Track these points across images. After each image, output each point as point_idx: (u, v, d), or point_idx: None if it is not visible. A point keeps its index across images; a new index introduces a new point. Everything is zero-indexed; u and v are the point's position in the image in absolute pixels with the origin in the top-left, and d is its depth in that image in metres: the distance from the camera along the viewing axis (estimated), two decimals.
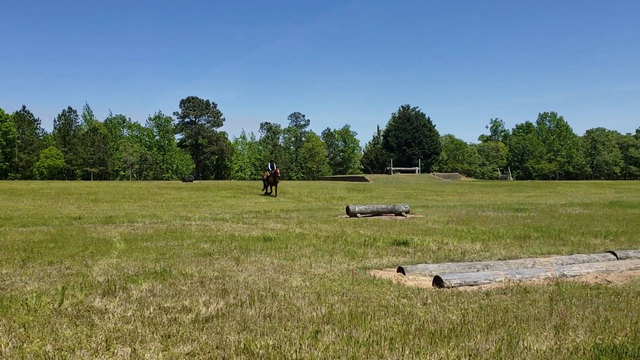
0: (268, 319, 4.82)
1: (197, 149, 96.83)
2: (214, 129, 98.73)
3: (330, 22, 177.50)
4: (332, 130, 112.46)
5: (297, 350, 3.98)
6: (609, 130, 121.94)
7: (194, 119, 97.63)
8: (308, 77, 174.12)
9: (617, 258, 8.05)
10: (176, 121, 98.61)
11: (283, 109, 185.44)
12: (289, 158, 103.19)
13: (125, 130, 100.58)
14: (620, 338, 4.28)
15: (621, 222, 14.83)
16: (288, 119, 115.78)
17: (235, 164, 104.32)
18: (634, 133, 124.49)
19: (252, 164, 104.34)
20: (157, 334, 4.39)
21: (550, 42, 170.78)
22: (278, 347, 4.04)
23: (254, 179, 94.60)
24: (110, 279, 6.61)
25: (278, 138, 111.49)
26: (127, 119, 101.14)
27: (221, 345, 4.13)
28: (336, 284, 6.40)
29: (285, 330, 4.48)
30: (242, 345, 4.09)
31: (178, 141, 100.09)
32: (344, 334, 4.36)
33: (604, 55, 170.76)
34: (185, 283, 6.42)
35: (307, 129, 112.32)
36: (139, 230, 12.74)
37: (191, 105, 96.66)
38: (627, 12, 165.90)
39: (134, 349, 4.05)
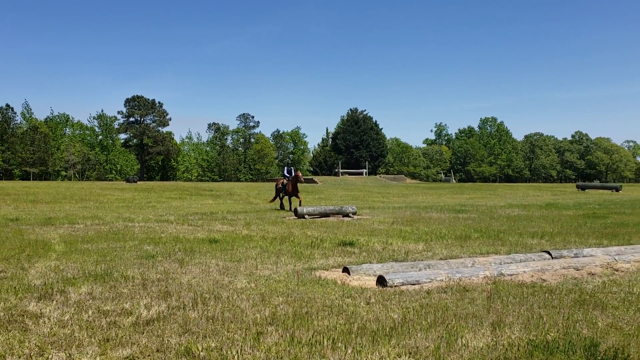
0: (211, 321, 4.77)
1: (142, 149, 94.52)
2: (160, 128, 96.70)
3: (280, 24, 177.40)
4: (281, 131, 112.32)
5: (239, 351, 3.96)
6: (547, 135, 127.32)
7: (139, 119, 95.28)
8: (257, 78, 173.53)
9: (552, 257, 8.41)
10: (121, 120, 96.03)
11: (232, 110, 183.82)
12: (237, 159, 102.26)
13: (67, 129, 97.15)
14: (552, 334, 4.47)
15: (556, 223, 15.50)
16: (237, 119, 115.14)
17: (182, 164, 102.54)
18: (569, 138, 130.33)
19: (199, 165, 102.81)
20: (95, 338, 4.27)
21: (492, 49, 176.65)
22: (220, 349, 4.01)
23: (201, 180, 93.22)
24: (47, 282, 6.38)
25: (226, 139, 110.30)
26: (70, 118, 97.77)
27: (162, 348, 4.06)
28: (281, 285, 6.41)
29: (228, 332, 4.45)
30: (183, 348, 4.03)
31: (122, 141, 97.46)
32: (287, 334, 4.37)
33: (542, 63, 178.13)
34: (127, 285, 6.27)
35: (257, 130, 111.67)
36: (79, 232, 12.34)
37: (136, 104, 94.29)
38: (563, 22, 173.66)
39: (70, 354, 3.93)
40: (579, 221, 16.09)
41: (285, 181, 21.76)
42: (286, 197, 22.28)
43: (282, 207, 21.99)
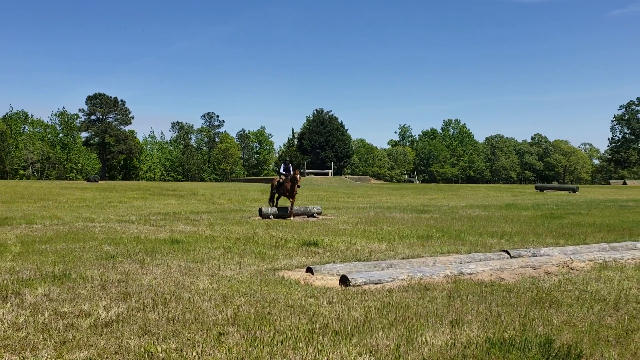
0: (171, 322, 4.72)
1: (103, 147, 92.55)
2: (122, 127, 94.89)
3: (245, 23, 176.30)
4: (247, 131, 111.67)
5: (200, 352, 3.93)
6: (507, 137, 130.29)
7: (101, 117, 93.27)
8: (223, 77, 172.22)
9: (511, 257, 8.61)
10: (82, 118, 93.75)
11: (196, 109, 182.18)
12: (202, 159, 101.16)
13: (26, 127, 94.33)
14: (509, 332, 4.57)
15: (515, 223, 15.87)
16: (201, 118, 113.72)
17: (144, 164, 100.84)
18: (529, 140, 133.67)
19: (162, 165, 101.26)
20: (51, 341, 4.17)
21: (455, 52, 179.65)
22: (180, 351, 3.97)
23: (164, 180, 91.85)
24: (1, 284, 6.19)
25: (190, 138, 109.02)
26: (29, 115, 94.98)
27: (121, 350, 3.99)
28: (244, 285, 6.38)
29: (188, 333, 4.40)
30: (142, 350, 3.97)
31: (83, 139, 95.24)
32: (249, 335, 4.36)
33: (503, 66, 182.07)
34: (86, 287, 6.14)
35: (221, 129, 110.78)
36: (37, 232, 12.01)
37: (98, 102, 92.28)
38: (523, 27, 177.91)
39: (24, 358, 3.82)
40: (537, 221, 16.51)
41: (281, 179, 18.85)
42: (282, 198, 19.90)
43: (275, 205, 19.27)
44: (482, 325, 4.77)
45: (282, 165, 19.68)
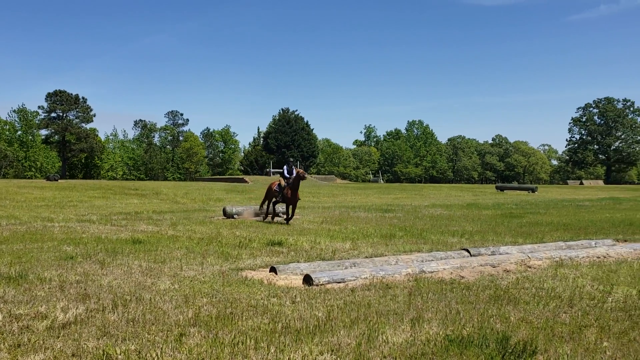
0: (131, 323, 4.65)
1: (64, 146, 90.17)
2: (83, 125, 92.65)
3: (211, 21, 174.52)
4: (212, 130, 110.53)
5: (160, 354, 3.89)
6: (469, 138, 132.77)
7: (61, 114, 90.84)
8: (187, 75, 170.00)
9: (471, 255, 8.79)
10: (42, 116, 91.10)
11: (160, 107, 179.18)
12: (165, 158, 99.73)
13: None
14: (468, 329, 4.67)
15: (476, 222, 16.20)
16: (165, 117, 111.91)
17: (106, 162, 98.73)
18: (490, 141, 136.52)
19: (125, 163, 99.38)
20: (5, 344, 4.06)
21: (419, 53, 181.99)
22: (139, 352, 3.92)
23: (126, 179, 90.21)
24: None
25: (153, 136, 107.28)
26: None
27: (78, 352, 3.92)
28: (206, 286, 6.33)
29: (149, 334, 4.35)
30: (101, 352, 3.91)
31: (43, 137, 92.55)
32: (210, 335, 4.33)
33: (465, 69, 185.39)
34: (43, 288, 5.99)
35: (186, 128, 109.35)
36: None
37: (59, 99, 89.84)
38: (486, 30, 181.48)
39: None
40: (497, 220, 16.89)
41: (283, 183, 16.13)
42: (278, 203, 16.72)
43: (267, 215, 16.74)
44: (441, 322, 4.86)
45: (286, 166, 16.75)
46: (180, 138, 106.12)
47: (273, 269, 7.34)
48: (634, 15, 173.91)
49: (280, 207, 18.45)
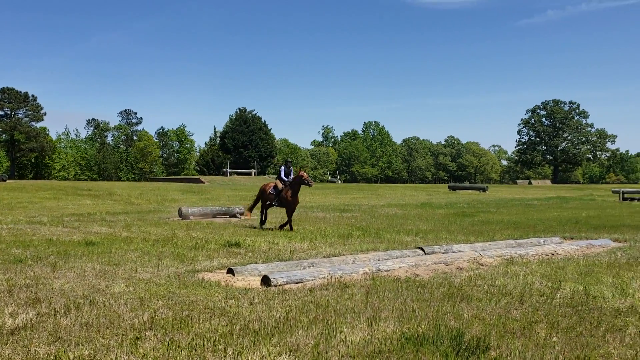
0: (85, 327, 4.54)
1: (12, 145, 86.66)
2: (33, 123, 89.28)
3: (166, 19, 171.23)
4: (166, 129, 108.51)
5: (115, 358, 3.82)
6: (423, 139, 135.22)
7: (9, 112, 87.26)
8: (141, 74, 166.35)
9: (425, 253, 8.97)
10: None
11: (113, 106, 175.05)
12: (119, 158, 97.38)
13: None
14: (423, 326, 4.77)
15: (430, 221, 16.53)
16: (118, 116, 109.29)
17: (58, 162, 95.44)
18: (443, 142, 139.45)
19: (77, 163, 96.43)
20: None
21: (375, 55, 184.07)
22: (93, 357, 3.84)
23: (79, 179, 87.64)
24: None
25: (107, 136, 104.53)
26: None
27: (28, 358, 3.80)
28: (162, 288, 6.24)
29: (103, 338, 4.26)
30: (52, 357, 3.80)
31: None
32: (166, 338, 4.28)
33: (419, 71, 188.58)
34: None
35: (140, 127, 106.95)
36: None
37: (7, 96, 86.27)
38: (440, 33, 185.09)
39: None
40: (450, 219, 17.27)
41: (280, 185, 14.50)
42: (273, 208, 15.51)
43: (263, 221, 14.80)
44: (397, 320, 4.94)
45: (283, 167, 14.97)
46: (134, 137, 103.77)
47: (230, 271, 7.30)
48: (578, 21, 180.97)
49: (238, 208, 18.32)
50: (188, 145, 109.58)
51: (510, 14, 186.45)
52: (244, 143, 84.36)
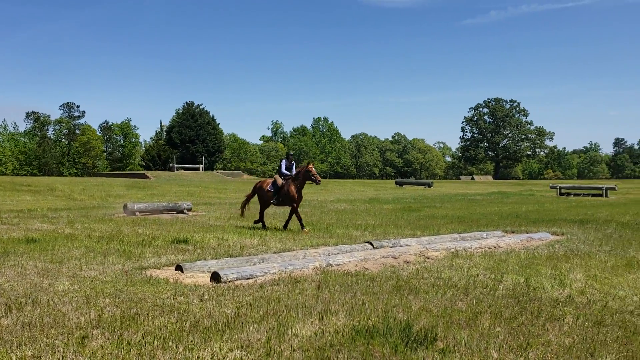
0: (28, 327, 4.39)
1: None
2: None
3: (109, 9, 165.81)
4: (110, 123, 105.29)
5: (61, 358, 3.71)
6: (371, 136, 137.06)
7: None
8: (84, 66, 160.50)
9: (374, 247, 9.12)
10: None
11: (54, 98, 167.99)
12: (60, 152, 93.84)
13: None
14: (373, 319, 4.86)
15: (378, 215, 16.80)
16: (59, 109, 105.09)
17: None
18: (390, 138, 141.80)
19: (15, 158, 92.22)
20: None
21: (324, 52, 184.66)
22: (38, 358, 3.72)
23: (17, 174, 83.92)
24: None
25: (47, 129, 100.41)
26: None
27: None
28: (109, 286, 6.10)
29: (47, 338, 4.13)
30: None
31: None
32: (115, 337, 4.19)
33: (366, 68, 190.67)
34: None
35: (82, 120, 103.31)
36: None
37: None
38: (387, 31, 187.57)
39: None
40: (397, 214, 17.61)
41: (280, 181, 12.86)
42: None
43: (261, 221, 13.46)
44: (348, 314, 5.02)
45: (284, 160, 13.36)
46: (77, 131, 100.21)
47: (179, 267, 7.20)
48: (519, 22, 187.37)
49: (185, 204, 18.01)
50: (133, 140, 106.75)
51: (454, 13, 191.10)
52: (191, 138, 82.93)
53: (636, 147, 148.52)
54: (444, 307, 5.31)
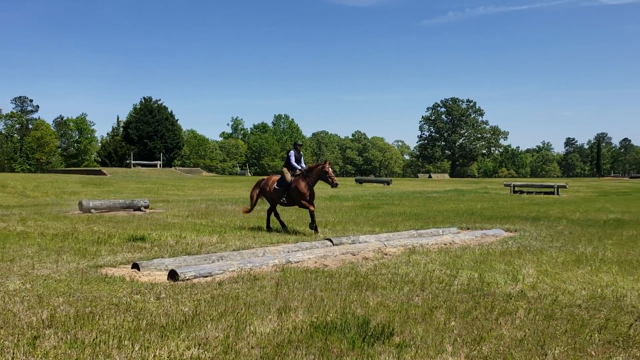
0: None
1: None
2: None
3: (65, 2, 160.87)
4: (65, 118, 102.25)
5: (11, 359, 3.61)
6: (331, 134, 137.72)
7: None
8: (38, 59, 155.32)
9: (333, 244, 9.19)
10: None
11: (5, 92, 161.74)
12: (12, 147, 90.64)
13: None
14: (331, 315, 4.90)
15: (338, 213, 16.91)
16: (11, 103, 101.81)
17: None
18: (350, 137, 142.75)
19: None
20: None
21: (285, 49, 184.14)
22: None
23: None
24: None
25: None
26: None
27: None
28: (62, 284, 5.95)
29: None
30: None
31: None
32: (68, 336, 4.10)
33: (327, 66, 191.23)
34: None
35: (36, 115, 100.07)
36: None
37: None
38: (348, 30, 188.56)
39: None
40: (357, 211, 17.77)
41: (289, 177, 11.50)
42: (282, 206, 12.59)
43: (269, 224, 12.20)
44: (307, 310, 5.05)
45: (293, 152, 11.82)
46: (30, 126, 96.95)
47: (135, 266, 7.09)
48: (476, 23, 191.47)
49: (142, 202, 17.70)
50: (89, 136, 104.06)
51: (413, 14, 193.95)
52: (149, 134, 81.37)
53: (586, 147, 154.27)
54: (400, 303, 5.40)
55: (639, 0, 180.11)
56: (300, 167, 11.59)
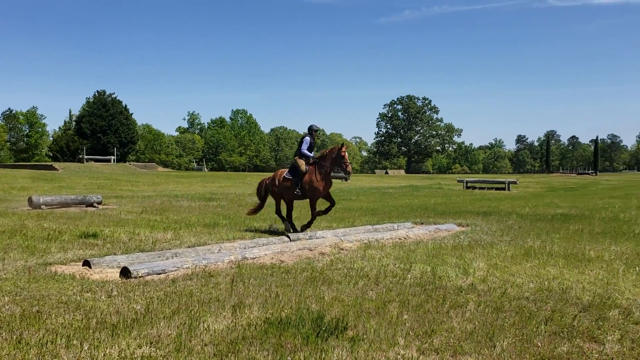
0: None
1: None
2: None
3: None
4: (14, 111, 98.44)
5: None
6: (290, 129, 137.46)
7: None
8: None
9: (290, 240, 9.20)
10: None
11: None
12: None
13: None
14: (287, 310, 4.92)
15: (295, 208, 16.86)
16: None
17: None
18: None
19: None
20: None
21: (242, 44, 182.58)
22: None
23: None
24: None
25: None
26: None
27: None
28: (9, 283, 5.76)
29: None
30: None
31: None
32: (13, 337, 3.98)
33: (286, 61, 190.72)
34: None
35: None
36: None
37: None
38: (307, 25, 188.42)
39: None
40: None
41: (303, 167, 10.19)
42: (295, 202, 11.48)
43: (281, 215, 11.54)
44: (262, 306, 5.05)
45: (308, 138, 10.34)
46: None
47: (87, 263, 6.92)
48: (431, 22, 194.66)
49: (95, 197, 17.25)
50: (40, 130, 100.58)
51: (371, 11, 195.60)
52: (103, 128, 79.29)
53: (536, 144, 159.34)
54: (355, 297, 5.46)
55: (585, 3, 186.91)
56: (312, 156, 10.29)
